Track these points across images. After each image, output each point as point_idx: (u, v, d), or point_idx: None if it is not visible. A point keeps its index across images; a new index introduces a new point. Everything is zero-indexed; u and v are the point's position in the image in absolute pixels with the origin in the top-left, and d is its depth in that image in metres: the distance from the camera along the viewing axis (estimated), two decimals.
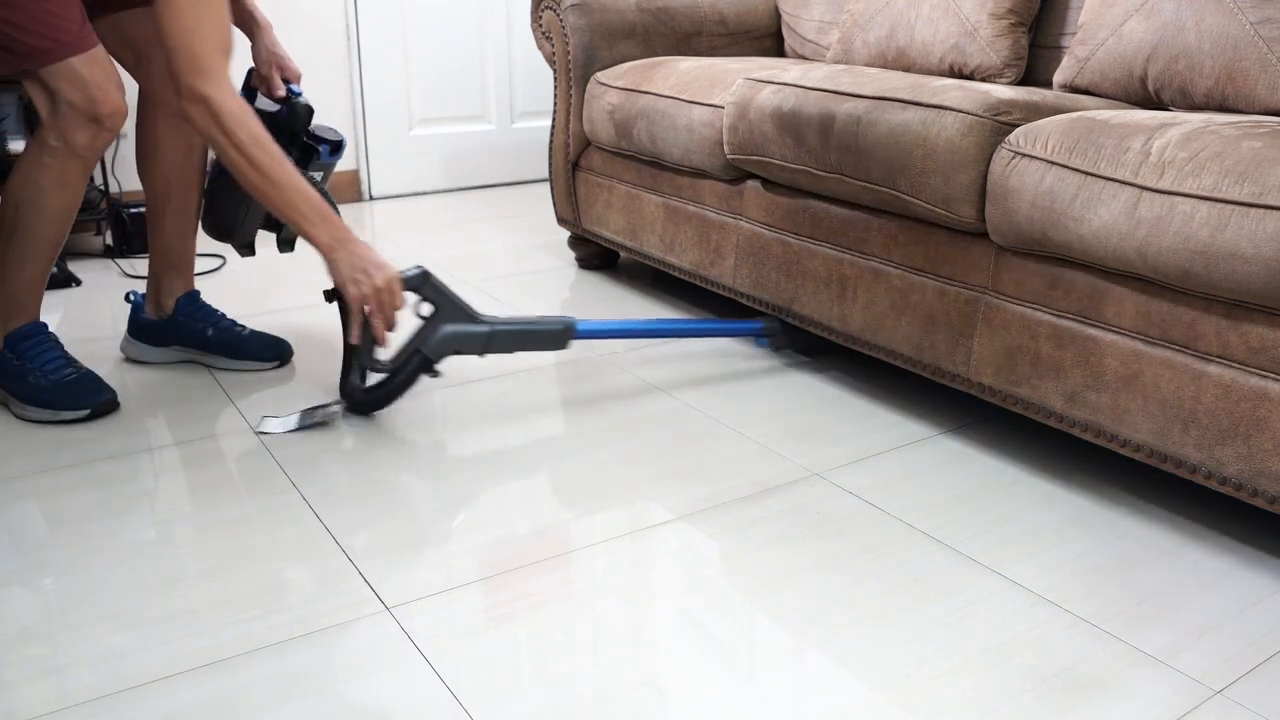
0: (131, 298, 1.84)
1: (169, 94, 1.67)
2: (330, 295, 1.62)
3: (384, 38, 3.13)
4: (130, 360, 1.86)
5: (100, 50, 1.50)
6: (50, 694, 1.00)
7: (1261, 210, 1.12)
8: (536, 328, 1.69)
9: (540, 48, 2.37)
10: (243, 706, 0.99)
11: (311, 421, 1.61)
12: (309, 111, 1.77)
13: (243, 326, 1.85)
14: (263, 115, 1.78)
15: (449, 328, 1.62)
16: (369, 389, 1.64)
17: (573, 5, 2.25)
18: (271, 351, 1.84)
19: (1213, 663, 1.08)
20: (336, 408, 1.64)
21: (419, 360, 1.61)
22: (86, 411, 1.60)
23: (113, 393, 1.63)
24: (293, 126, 1.77)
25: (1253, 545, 1.31)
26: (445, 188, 3.40)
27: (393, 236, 2.79)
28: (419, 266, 1.59)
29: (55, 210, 1.53)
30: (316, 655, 1.07)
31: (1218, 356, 1.22)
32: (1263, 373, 1.18)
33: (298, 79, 1.78)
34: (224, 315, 1.85)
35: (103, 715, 0.98)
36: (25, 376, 1.59)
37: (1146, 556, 1.28)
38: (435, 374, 1.63)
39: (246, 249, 1.84)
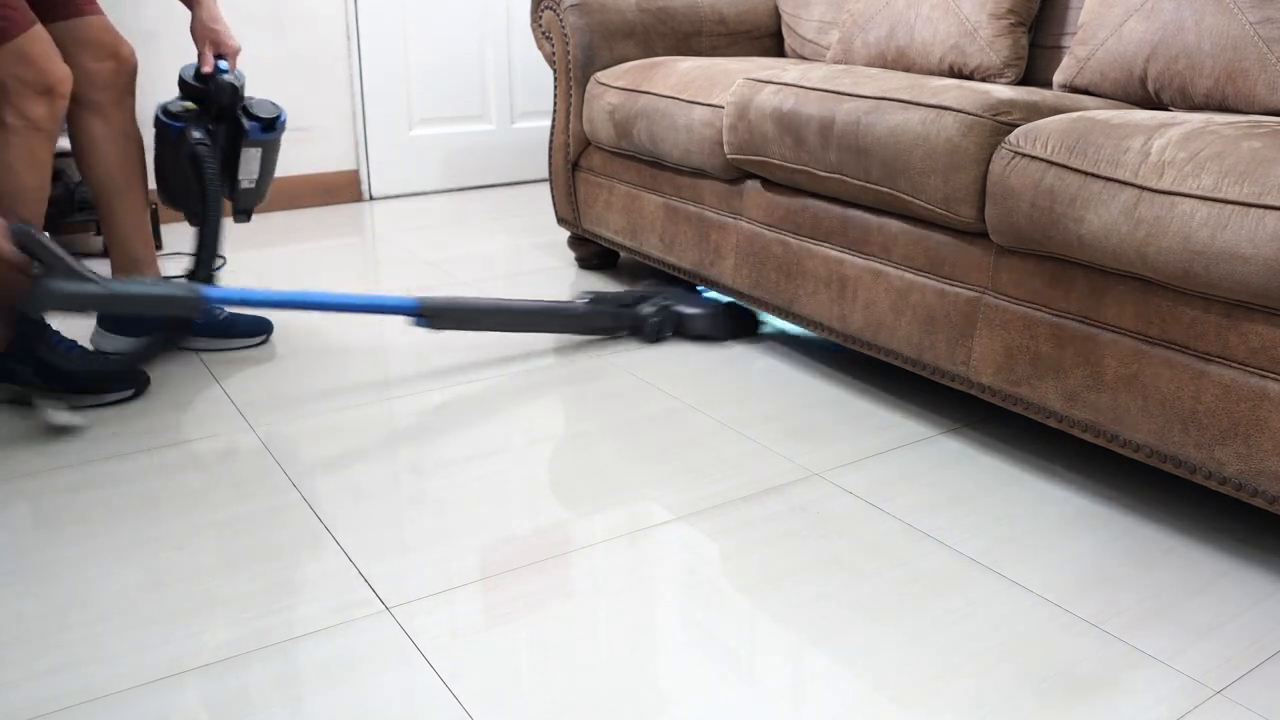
0: None
1: (96, 94, 1.71)
2: None
3: (384, 38, 3.13)
4: (101, 351, 1.86)
5: (40, 26, 1.55)
6: (50, 694, 1.00)
7: (1261, 210, 1.12)
8: (155, 292, 1.54)
9: (540, 48, 2.37)
10: (242, 706, 0.99)
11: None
12: (232, 89, 1.76)
13: (220, 309, 1.92)
14: (191, 92, 1.78)
15: (51, 284, 1.48)
16: None
17: (573, 5, 2.24)
18: (256, 327, 1.94)
19: (1213, 663, 1.08)
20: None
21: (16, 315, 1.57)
22: (131, 391, 1.68)
23: (143, 371, 1.71)
24: (218, 103, 1.77)
25: (1253, 545, 1.31)
26: (445, 188, 3.40)
27: (393, 237, 2.79)
28: (23, 223, 1.51)
29: (32, 189, 1.57)
30: (316, 655, 1.07)
31: (1218, 356, 1.22)
32: (1263, 373, 1.18)
33: (234, 54, 1.78)
34: None
35: (103, 715, 0.98)
36: (56, 365, 1.62)
37: (1146, 556, 1.28)
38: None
39: (194, 216, 1.87)
